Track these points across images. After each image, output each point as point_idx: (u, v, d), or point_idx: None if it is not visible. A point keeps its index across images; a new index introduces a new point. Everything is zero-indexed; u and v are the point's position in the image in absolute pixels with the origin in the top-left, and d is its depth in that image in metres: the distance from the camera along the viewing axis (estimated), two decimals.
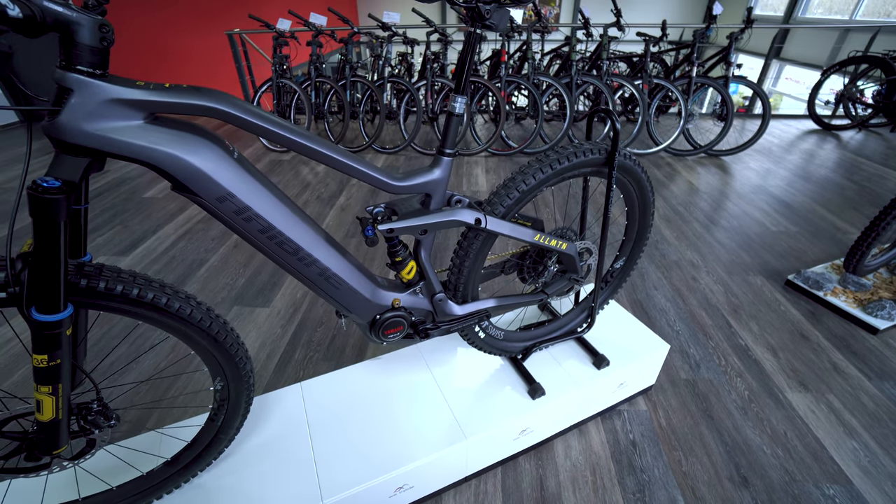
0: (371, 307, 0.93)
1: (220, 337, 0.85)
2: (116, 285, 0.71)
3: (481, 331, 1.19)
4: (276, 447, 1.11)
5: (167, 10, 5.17)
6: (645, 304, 1.91)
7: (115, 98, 0.57)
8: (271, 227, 0.73)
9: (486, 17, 0.79)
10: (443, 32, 3.45)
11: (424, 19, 3.39)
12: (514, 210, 1.00)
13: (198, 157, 0.63)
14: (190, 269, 2.15)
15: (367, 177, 0.80)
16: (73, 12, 0.51)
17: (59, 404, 0.72)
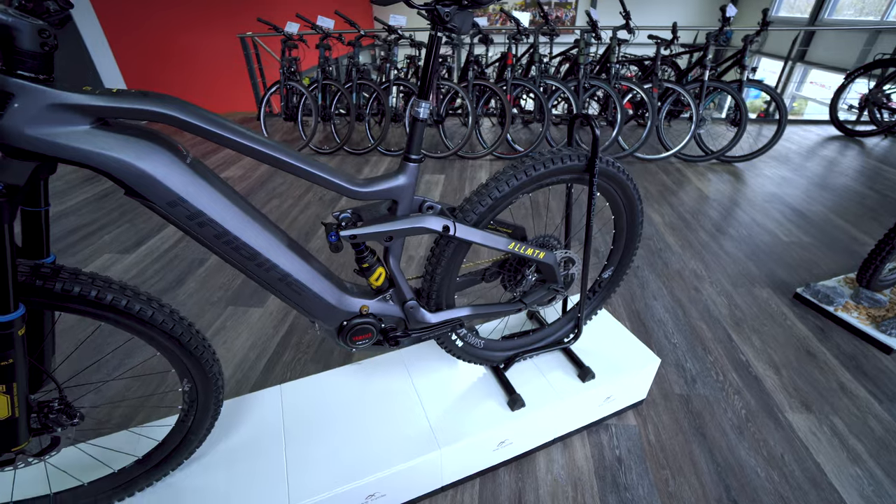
0: (337, 314, 0.92)
1: (184, 339, 0.85)
2: (74, 286, 0.71)
3: (458, 339, 1.17)
4: (249, 449, 1.11)
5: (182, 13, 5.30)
6: (643, 314, 1.85)
7: (58, 103, 0.57)
8: (226, 233, 0.72)
9: (447, 19, 0.77)
10: (449, 36, 3.45)
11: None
12: (489, 217, 0.98)
13: (146, 161, 0.63)
14: (189, 269, 2.18)
15: (327, 182, 0.79)
16: (9, 17, 0.52)
17: (16, 402, 0.72)
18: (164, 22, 5.21)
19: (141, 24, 5.04)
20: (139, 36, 5.08)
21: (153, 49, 5.39)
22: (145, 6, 5.03)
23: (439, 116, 3.39)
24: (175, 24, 5.32)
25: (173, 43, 5.40)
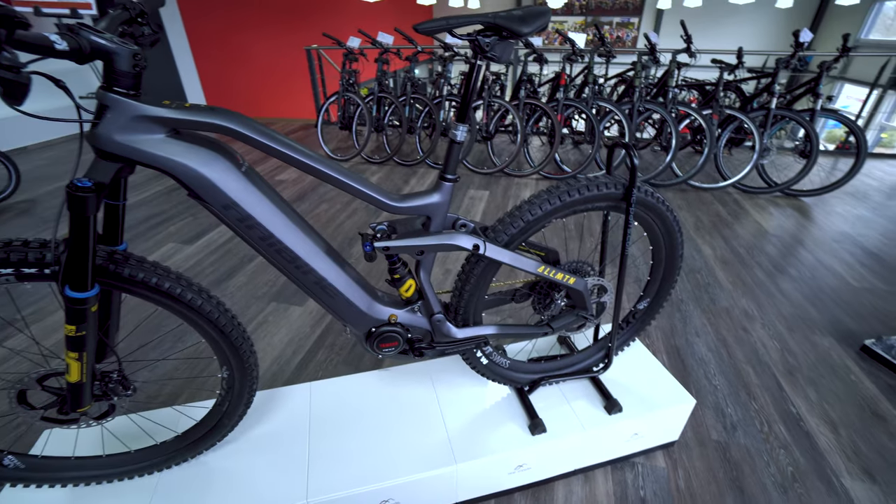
0: (367, 320, 0.97)
1: (226, 329, 0.92)
2: (138, 273, 0.81)
3: (483, 356, 1.18)
4: (275, 440, 1.18)
5: (256, 27, 5.74)
6: (683, 350, 1.77)
7: (142, 115, 0.66)
8: (271, 236, 0.79)
9: (487, 49, 0.80)
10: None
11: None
12: (520, 239, 0.99)
13: (208, 168, 0.71)
14: (240, 263, 2.34)
15: (366, 196, 0.84)
16: (113, 44, 0.61)
17: (84, 369, 0.82)
18: (240, 35, 5.67)
19: (220, 37, 5.51)
20: (218, 48, 5.56)
21: (229, 58, 5.87)
22: (226, 21, 5.51)
23: (488, 133, 3.43)
24: (249, 37, 5.77)
25: (246, 54, 5.85)
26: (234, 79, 6.20)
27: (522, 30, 0.78)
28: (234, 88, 6.30)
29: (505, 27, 0.78)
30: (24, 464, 1.00)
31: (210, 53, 5.93)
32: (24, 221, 2.94)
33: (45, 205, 3.19)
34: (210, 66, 6.03)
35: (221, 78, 6.10)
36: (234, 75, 6.15)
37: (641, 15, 8.52)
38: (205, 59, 5.95)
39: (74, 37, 0.58)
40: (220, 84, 6.12)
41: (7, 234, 2.76)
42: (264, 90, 6.23)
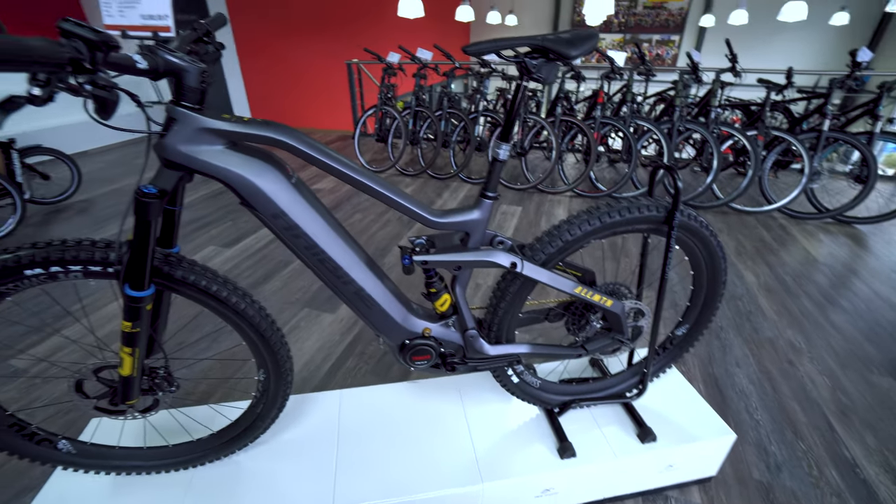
0: (401, 332, 0.98)
1: (266, 333, 0.95)
2: (190, 275, 0.85)
3: (514, 375, 1.17)
4: (305, 445, 1.19)
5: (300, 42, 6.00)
6: (721, 380, 1.69)
7: (205, 127, 0.70)
8: (315, 245, 0.82)
9: (533, 71, 0.81)
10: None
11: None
12: (557, 258, 0.98)
13: (260, 179, 0.74)
14: (276, 268, 2.42)
15: (407, 210, 0.86)
16: (184, 63, 0.66)
17: (135, 364, 0.87)
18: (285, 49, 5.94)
19: (266, 51, 5.79)
20: (263, 61, 5.84)
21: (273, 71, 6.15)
22: (272, 36, 5.78)
23: (522, 149, 3.43)
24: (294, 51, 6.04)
25: (290, 67, 6.12)
26: (278, 90, 6.49)
27: (570, 53, 0.79)
28: (276, 99, 6.58)
29: (553, 50, 0.79)
30: (76, 449, 1.06)
31: (256, 66, 6.24)
32: (82, 220, 3.14)
33: (101, 205, 3.41)
34: (255, 78, 6.34)
35: (265, 89, 6.39)
36: (278, 87, 6.43)
37: (682, 33, 8.37)
38: (251, 71, 6.27)
39: (153, 56, 0.63)
40: (264, 95, 6.41)
41: (67, 231, 2.96)
42: (305, 102, 6.48)
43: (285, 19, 6.04)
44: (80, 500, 1.08)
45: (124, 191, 3.70)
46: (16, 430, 1.00)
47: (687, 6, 8.13)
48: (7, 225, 2.84)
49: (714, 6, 7.78)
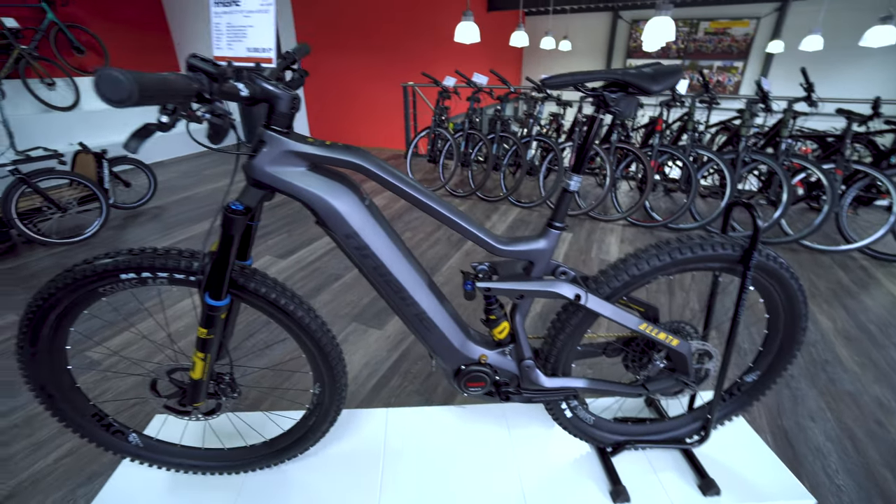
0: (458, 356, 0.97)
1: (326, 349, 0.98)
2: (261, 287, 0.89)
3: (568, 409, 1.13)
4: (351, 461, 1.20)
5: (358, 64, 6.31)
6: (793, 434, 1.54)
7: (291, 150, 0.75)
8: (383, 266, 0.84)
9: (612, 104, 0.80)
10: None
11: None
12: (622, 292, 0.95)
13: (338, 200, 0.78)
14: (327, 281, 2.49)
15: (474, 236, 0.86)
16: (278, 90, 0.71)
17: (206, 369, 0.92)
18: (343, 70, 6.26)
19: (325, 71, 6.11)
20: (322, 81, 6.17)
21: (332, 91, 6.48)
22: (331, 57, 6.12)
23: None
24: (352, 73, 6.35)
25: (346, 87, 6.44)
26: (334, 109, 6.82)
27: (652, 88, 0.78)
28: (333, 118, 6.91)
29: (634, 85, 0.78)
30: (143, 443, 1.12)
31: (315, 86, 6.60)
32: (154, 225, 3.41)
33: (172, 211, 3.68)
34: (315, 98, 6.70)
35: (323, 108, 6.74)
36: (335, 106, 6.77)
37: (747, 59, 8.05)
38: (311, 90, 6.64)
39: (252, 84, 0.68)
40: (322, 114, 6.76)
41: (141, 235, 3.21)
42: (359, 121, 6.77)
43: (344, 42, 6.39)
44: (143, 492, 1.14)
45: (193, 199, 3.99)
46: (95, 420, 1.07)
47: (753, 32, 7.84)
48: (93, 227, 3.13)
49: (784, 32, 7.45)
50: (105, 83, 0.46)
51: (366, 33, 6.24)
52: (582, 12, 9.50)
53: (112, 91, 0.46)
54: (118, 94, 0.46)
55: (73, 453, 1.44)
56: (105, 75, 0.46)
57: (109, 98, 0.47)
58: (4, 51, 4.24)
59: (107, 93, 0.46)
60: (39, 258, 2.86)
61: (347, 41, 6.36)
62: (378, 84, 6.52)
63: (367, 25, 6.28)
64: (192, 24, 5.85)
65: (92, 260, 0.85)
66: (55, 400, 1.00)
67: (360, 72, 6.39)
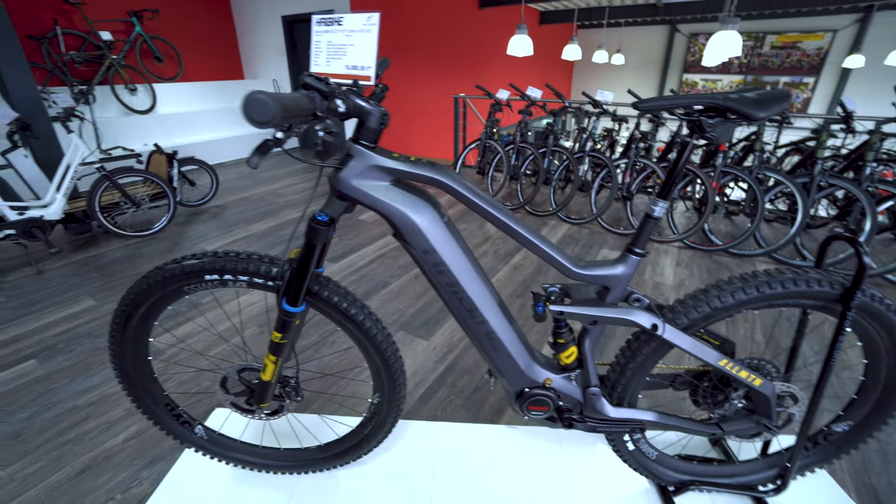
0: (523, 378, 0.95)
1: (390, 361, 0.98)
2: (334, 296, 0.91)
3: (631, 441, 1.07)
4: (402, 474, 1.20)
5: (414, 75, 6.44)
6: (884, 495, 1.38)
7: (376, 165, 0.76)
8: (457, 284, 0.83)
9: (707, 130, 0.76)
10: (656, 114, 3.37)
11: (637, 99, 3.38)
12: (701, 325, 0.90)
13: (419, 216, 0.78)
14: (374, 288, 2.53)
15: (550, 258, 0.84)
16: (370, 106, 0.72)
17: (275, 372, 0.95)
18: (398, 81, 6.41)
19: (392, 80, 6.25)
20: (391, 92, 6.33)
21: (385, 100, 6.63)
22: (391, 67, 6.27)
23: (629, 193, 3.29)
24: (406, 83, 6.49)
25: (401, 98, 6.58)
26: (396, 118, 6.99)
27: (757, 115, 0.73)
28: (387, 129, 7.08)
29: (736, 111, 0.74)
30: (208, 436, 1.17)
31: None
32: (215, 223, 3.60)
33: (231, 211, 3.88)
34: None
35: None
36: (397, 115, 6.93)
37: (819, 75, 7.55)
38: None
39: (347, 101, 0.70)
40: None
41: (202, 232, 3.40)
42: (411, 131, 6.90)
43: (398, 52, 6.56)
44: (203, 482, 1.19)
45: (249, 200, 4.19)
46: (167, 409, 1.13)
47: (828, 45, 7.35)
48: (161, 222, 3.35)
49: (864, 45, 6.93)
50: (254, 106, 0.49)
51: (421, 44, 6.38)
52: (637, 25, 9.30)
53: (259, 113, 0.49)
54: (264, 116, 0.49)
55: (139, 436, 1.53)
56: (254, 99, 0.49)
57: (255, 119, 0.50)
58: (98, 60, 4.68)
59: (254, 115, 0.49)
60: (114, 249, 3.08)
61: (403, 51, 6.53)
62: (427, 94, 6.63)
63: (422, 36, 6.42)
64: (258, 34, 6.21)
65: (180, 260, 0.90)
66: (136, 387, 1.06)
67: (411, 81, 6.53)
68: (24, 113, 2.92)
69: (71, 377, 1.81)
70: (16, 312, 2.26)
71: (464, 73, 6.83)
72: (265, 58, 6.33)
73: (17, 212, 2.66)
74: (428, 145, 6.76)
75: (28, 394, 1.72)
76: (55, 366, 1.88)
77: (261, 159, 0.55)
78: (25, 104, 2.96)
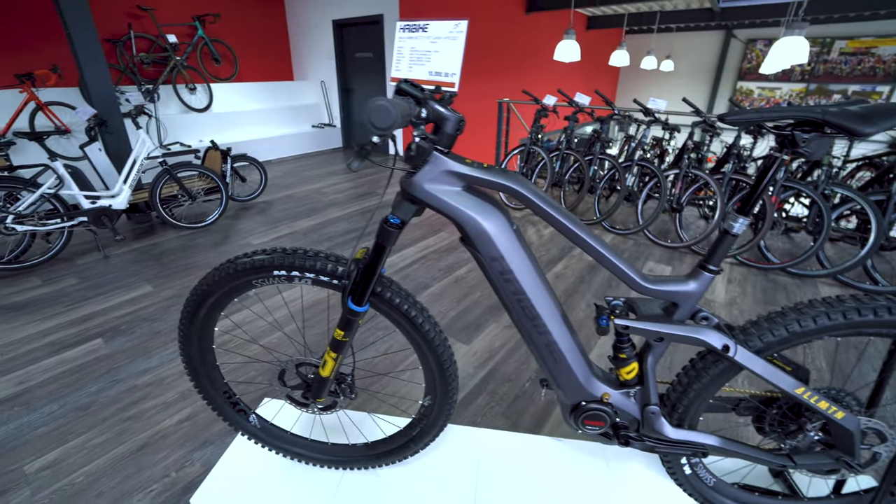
0: (580, 392, 0.93)
1: (445, 365, 0.99)
2: (395, 297, 0.92)
3: (688, 465, 1.03)
4: (446, 478, 1.20)
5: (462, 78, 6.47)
6: None
7: (451, 170, 0.77)
8: (522, 292, 0.83)
9: (801, 145, 0.72)
10: (711, 124, 3.23)
11: (694, 109, 3.25)
12: (776, 349, 0.85)
13: (489, 223, 0.78)
14: (415, 290, 2.55)
15: (619, 271, 0.82)
16: (448, 111, 0.73)
17: (335, 368, 0.97)
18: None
19: None
20: None
21: None
22: None
23: (678, 204, 3.17)
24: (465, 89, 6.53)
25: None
26: None
27: (863, 130, 0.68)
28: None
29: (837, 126, 0.69)
30: (261, 425, 1.21)
31: None
32: (262, 218, 3.74)
33: (276, 207, 4.02)
34: None
35: None
36: None
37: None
38: None
39: (427, 106, 0.71)
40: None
41: (250, 226, 3.54)
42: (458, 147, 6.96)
43: None
44: (253, 468, 1.23)
45: (294, 198, 4.33)
46: (225, 396, 1.18)
47: None
48: (213, 215, 3.51)
49: None
50: (377, 113, 0.52)
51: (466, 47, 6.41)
52: (689, 31, 8.97)
53: (381, 119, 0.51)
54: (386, 122, 0.51)
55: (191, 419, 1.60)
56: (378, 106, 0.52)
57: (377, 125, 0.52)
58: (164, 61, 5.00)
59: (376, 121, 0.52)
60: (170, 239, 3.26)
61: None
62: (470, 98, 6.65)
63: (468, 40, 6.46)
64: (309, 37, 6.42)
65: (251, 255, 0.94)
66: (198, 373, 1.12)
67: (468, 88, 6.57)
68: (102, 110, 3.15)
69: (131, 357, 1.93)
70: (86, 294, 2.43)
71: (507, 78, 6.80)
72: (314, 60, 6.54)
73: (90, 201, 2.86)
74: (467, 149, 6.77)
75: (96, 370, 1.85)
76: (118, 346, 2.01)
77: (361, 163, 0.57)
78: (103, 102, 3.19)
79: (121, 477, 1.36)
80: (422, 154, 0.62)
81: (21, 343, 2.02)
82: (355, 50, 6.07)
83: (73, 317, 2.22)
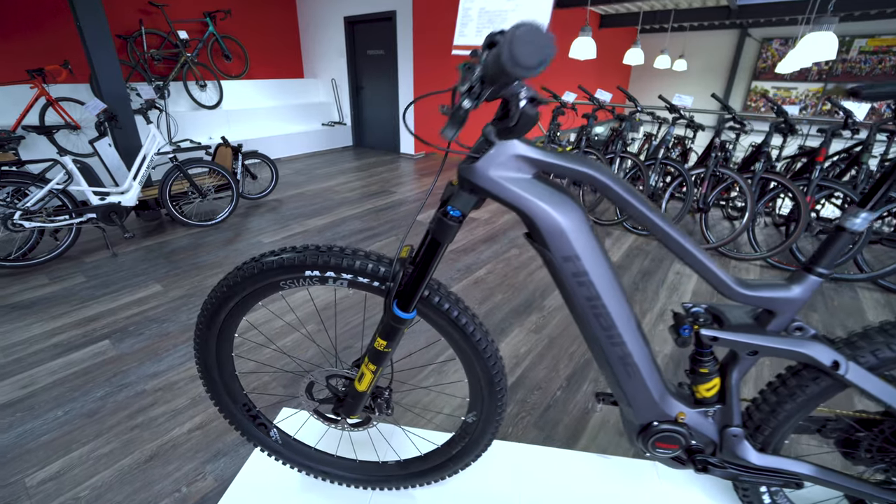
0: (653, 410, 0.81)
1: (495, 379, 0.88)
2: (445, 303, 0.81)
3: (768, 494, 0.91)
4: (485, 498, 1.09)
5: None
6: None
7: (519, 154, 0.65)
8: (598, 298, 0.71)
9: None
10: (740, 121, 3.10)
11: (723, 105, 3.13)
12: (891, 366, 0.73)
13: (564, 217, 0.67)
14: None
15: (708, 272, 0.71)
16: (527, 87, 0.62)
17: (373, 382, 0.86)
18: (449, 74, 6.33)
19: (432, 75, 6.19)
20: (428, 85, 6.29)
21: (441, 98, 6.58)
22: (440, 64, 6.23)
23: (705, 204, 3.04)
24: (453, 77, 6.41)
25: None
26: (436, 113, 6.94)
27: None
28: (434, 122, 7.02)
29: None
30: (282, 440, 1.11)
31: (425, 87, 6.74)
32: (273, 216, 3.65)
33: (288, 206, 3.92)
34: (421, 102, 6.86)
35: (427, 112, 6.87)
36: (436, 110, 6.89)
37: None
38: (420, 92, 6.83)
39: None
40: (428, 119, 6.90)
41: (261, 224, 3.45)
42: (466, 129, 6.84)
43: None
44: (272, 487, 1.13)
45: (304, 196, 4.23)
46: (244, 409, 1.07)
47: None
48: (224, 213, 3.42)
49: None
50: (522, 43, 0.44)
51: None
52: (703, 30, 8.82)
53: (527, 53, 0.43)
54: (535, 57, 0.42)
55: (203, 427, 1.50)
56: (528, 30, 0.43)
57: (521, 62, 0.45)
58: (175, 57, 4.93)
59: (521, 56, 0.44)
60: (179, 237, 3.17)
61: None
62: None
63: None
64: (319, 33, 6.34)
65: (279, 252, 0.83)
66: (216, 383, 1.01)
67: None
68: (112, 105, 3.07)
69: (140, 360, 1.83)
70: (93, 293, 2.34)
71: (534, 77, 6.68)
72: (325, 57, 6.45)
73: (99, 197, 2.77)
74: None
75: (102, 373, 1.75)
76: (126, 348, 1.91)
77: (456, 131, 0.46)
78: (113, 97, 3.11)
79: (128, 491, 1.27)
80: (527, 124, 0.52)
81: (27, 344, 1.93)
82: (367, 47, 5.97)
83: (80, 317, 2.13)
